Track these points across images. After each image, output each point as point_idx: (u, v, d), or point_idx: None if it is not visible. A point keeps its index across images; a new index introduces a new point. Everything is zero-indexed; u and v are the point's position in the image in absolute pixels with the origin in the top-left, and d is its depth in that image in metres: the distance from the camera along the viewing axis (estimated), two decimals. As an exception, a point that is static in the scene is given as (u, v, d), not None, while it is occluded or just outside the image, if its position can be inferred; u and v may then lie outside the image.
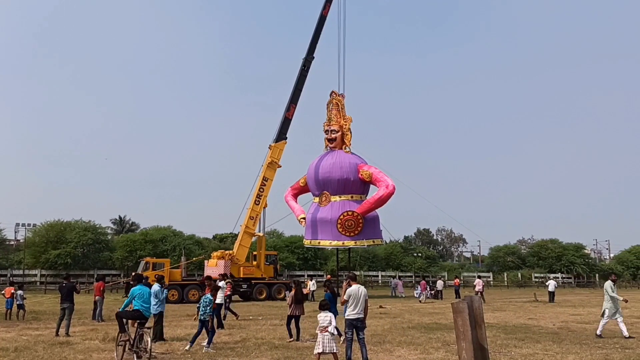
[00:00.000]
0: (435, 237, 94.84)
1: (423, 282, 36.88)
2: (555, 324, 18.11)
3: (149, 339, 10.43)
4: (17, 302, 19.92)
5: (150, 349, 10.40)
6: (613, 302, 14.38)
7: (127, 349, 10.79)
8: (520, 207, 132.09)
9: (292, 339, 13.61)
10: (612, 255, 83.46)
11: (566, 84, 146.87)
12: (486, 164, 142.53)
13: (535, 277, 63.20)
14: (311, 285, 33.62)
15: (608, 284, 14.69)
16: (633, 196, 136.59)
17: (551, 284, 33.93)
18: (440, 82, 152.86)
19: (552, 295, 32.60)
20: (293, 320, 13.87)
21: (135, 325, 11.04)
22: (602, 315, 14.58)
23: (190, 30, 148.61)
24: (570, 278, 65.81)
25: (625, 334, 14.08)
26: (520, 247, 76.62)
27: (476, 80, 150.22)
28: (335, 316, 13.04)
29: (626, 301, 15.09)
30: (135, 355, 10.47)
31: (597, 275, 68.17)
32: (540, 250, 68.99)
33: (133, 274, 17.83)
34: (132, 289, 11.59)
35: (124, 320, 11.32)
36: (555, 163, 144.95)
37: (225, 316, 18.81)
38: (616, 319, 14.34)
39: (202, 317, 12.35)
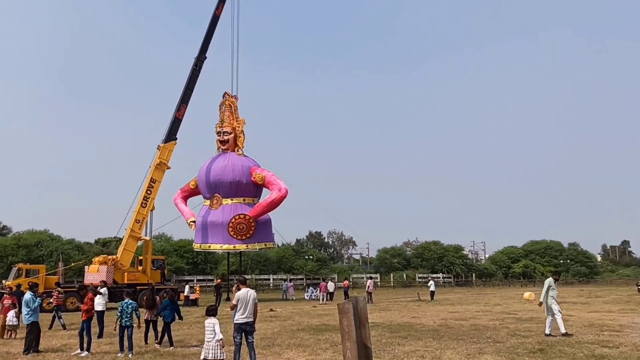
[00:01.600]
0: (326, 240, 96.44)
1: (323, 283, 37.23)
2: (436, 322, 19.08)
3: None
4: None
5: None
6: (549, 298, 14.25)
7: None
8: (406, 210, 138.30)
9: (147, 344, 13.69)
10: (487, 255, 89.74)
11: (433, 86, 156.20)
12: (375, 169, 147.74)
13: (419, 277, 66.36)
14: (187, 290, 32.84)
15: (549, 281, 14.52)
16: (507, 200, 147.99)
17: (432, 284, 35.98)
18: (334, 88, 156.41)
19: (432, 294, 34.57)
20: (151, 325, 14.11)
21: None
22: (550, 313, 14.28)
23: (71, 19, 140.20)
24: (450, 278, 69.81)
25: (563, 330, 14.04)
26: (405, 249, 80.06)
27: (364, 87, 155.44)
28: (171, 321, 13.55)
29: (540, 304, 14.89)
30: None
31: (474, 274, 72.93)
32: (424, 252, 72.59)
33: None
34: None
35: None
36: (437, 168, 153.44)
37: (51, 325, 18.30)
38: (555, 315, 14.25)
39: (126, 323, 12.23)
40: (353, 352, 5.39)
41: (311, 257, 64.83)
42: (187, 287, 33.38)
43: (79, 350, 12.56)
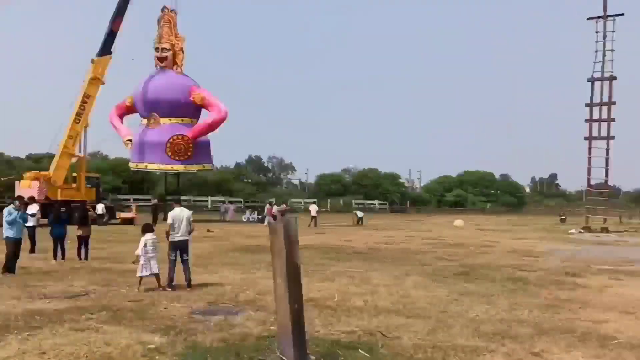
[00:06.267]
0: (266, 164, 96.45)
1: (269, 207, 36.95)
2: (367, 245, 19.86)
3: None
4: None
5: None
6: None
7: None
8: (347, 137, 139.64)
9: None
10: (422, 184, 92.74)
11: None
12: (317, 96, 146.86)
13: (355, 204, 68.10)
14: (100, 209, 31.20)
15: None
16: (443, 130, 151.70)
17: (359, 212, 38.28)
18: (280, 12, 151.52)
19: (361, 220, 36.68)
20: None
21: None
22: None
23: None
24: (385, 205, 71.99)
25: None
26: (344, 176, 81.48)
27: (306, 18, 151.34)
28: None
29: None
30: None
31: (408, 202, 75.45)
32: (362, 179, 74.16)
33: None
34: None
35: None
36: (376, 98, 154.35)
37: None
38: None
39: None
40: (282, 269, 5.60)
41: (250, 180, 64.99)
42: (99, 206, 31.84)
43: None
